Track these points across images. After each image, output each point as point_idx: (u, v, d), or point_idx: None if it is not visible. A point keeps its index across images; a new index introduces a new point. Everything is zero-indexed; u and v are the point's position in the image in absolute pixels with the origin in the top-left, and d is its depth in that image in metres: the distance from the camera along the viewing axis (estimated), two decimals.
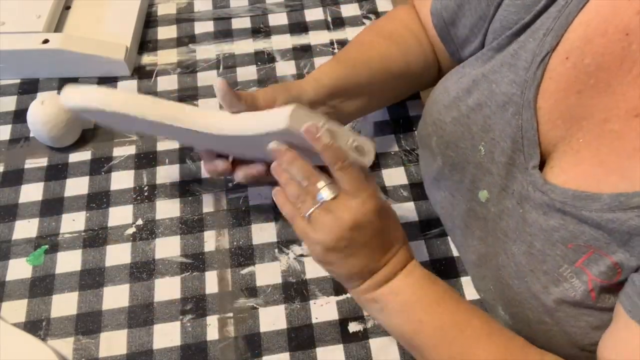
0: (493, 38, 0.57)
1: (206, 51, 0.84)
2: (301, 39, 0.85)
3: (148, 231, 0.67)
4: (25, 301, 0.63)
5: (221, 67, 0.82)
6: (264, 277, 0.64)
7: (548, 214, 0.49)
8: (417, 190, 0.69)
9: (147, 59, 0.83)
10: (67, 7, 0.86)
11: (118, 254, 0.66)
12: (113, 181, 0.72)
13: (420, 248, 0.65)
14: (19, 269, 0.65)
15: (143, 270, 0.65)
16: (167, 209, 0.69)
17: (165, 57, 0.84)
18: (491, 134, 0.54)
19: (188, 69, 0.82)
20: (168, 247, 0.66)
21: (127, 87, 0.80)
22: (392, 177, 0.70)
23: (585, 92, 0.48)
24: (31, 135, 0.75)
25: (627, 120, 0.46)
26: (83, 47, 0.79)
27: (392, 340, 0.59)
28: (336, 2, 0.89)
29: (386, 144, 0.73)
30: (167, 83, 0.81)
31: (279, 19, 0.87)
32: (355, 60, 0.66)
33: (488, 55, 0.56)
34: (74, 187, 0.71)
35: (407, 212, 0.67)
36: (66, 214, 0.69)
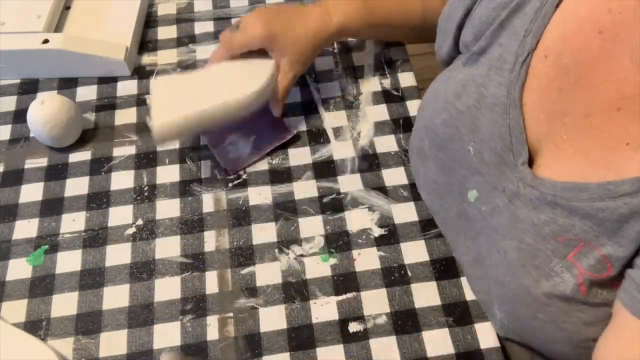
0: (473, 35, 0.57)
1: (206, 51, 0.84)
2: None
3: (148, 231, 0.67)
4: (25, 301, 0.63)
5: None
6: (264, 277, 0.64)
7: (538, 208, 0.49)
8: (416, 190, 0.69)
9: (147, 59, 0.83)
10: (67, 7, 0.86)
11: (118, 254, 0.66)
12: (113, 181, 0.72)
13: (420, 248, 0.65)
14: (19, 269, 0.65)
15: (143, 270, 0.65)
16: (167, 209, 0.69)
17: (165, 57, 0.84)
18: (480, 134, 0.55)
19: (188, 69, 0.82)
20: (168, 247, 0.66)
21: (127, 87, 0.80)
22: (392, 177, 0.70)
23: (565, 89, 0.49)
24: (31, 135, 0.75)
25: (609, 114, 0.46)
26: (83, 47, 0.79)
27: (392, 340, 0.59)
28: None
29: (386, 144, 0.73)
30: None
31: None
32: (376, 6, 0.71)
33: (473, 59, 0.57)
34: (74, 187, 0.71)
35: (407, 212, 0.67)
36: (66, 214, 0.69)
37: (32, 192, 0.71)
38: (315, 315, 0.61)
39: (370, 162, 0.72)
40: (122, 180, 0.72)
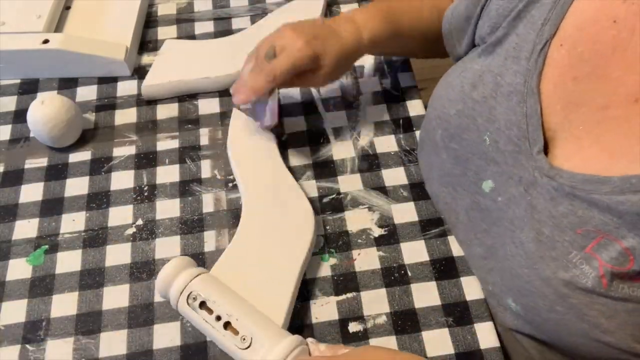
0: (489, 27, 0.57)
1: None
2: None
3: (148, 231, 0.67)
4: (25, 301, 0.63)
5: None
6: None
7: (556, 199, 0.49)
8: (417, 190, 0.69)
9: (147, 59, 0.83)
10: (67, 7, 0.86)
11: (118, 254, 0.66)
12: (113, 181, 0.72)
13: (420, 248, 0.65)
14: (19, 269, 0.65)
15: (143, 270, 0.65)
16: (167, 209, 0.69)
17: None
18: (496, 124, 0.55)
19: None
20: (168, 247, 0.66)
21: (127, 87, 0.80)
22: (392, 177, 0.70)
23: (581, 78, 0.49)
24: (31, 135, 0.75)
25: (627, 106, 0.46)
26: (83, 47, 0.79)
27: (392, 340, 0.59)
28: (336, 2, 0.89)
29: (386, 144, 0.73)
30: None
31: None
32: (402, 13, 0.70)
33: (489, 50, 0.57)
34: (74, 187, 0.71)
35: (407, 212, 0.67)
36: (66, 214, 0.69)
37: (32, 192, 0.71)
38: (315, 315, 0.61)
39: (370, 162, 0.72)
40: (122, 180, 0.72)
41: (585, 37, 0.48)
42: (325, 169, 0.71)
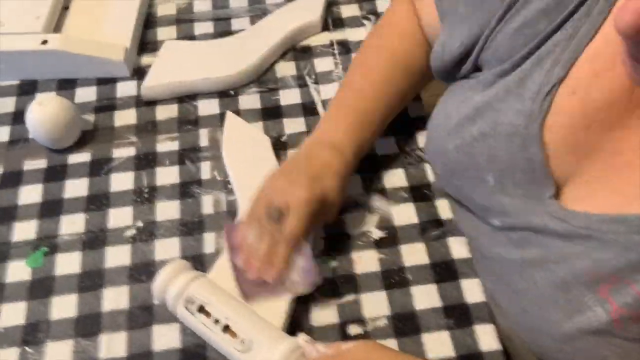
0: (495, 61, 0.54)
1: None
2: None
3: (148, 233, 0.67)
4: (24, 303, 0.63)
5: None
6: None
7: (572, 241, 0.48)
8: (417, 192, 0.69)
9: (146, 59, 0.83)
10: (66, 8, 0.86)
11: (118, 256, 0.66)
12: (112, 183, 0.71)
13: (420, 251, 0.65)
14: (18, 271, 0.65)
15: (143, 272, 0.64)
16: (166, 211, 0.69)
17: None
18: (499, 164, 0.53)
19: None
20: (168, 249, 0.66)
21: (127, 88, 0.80)
22: (392, 178, 0.70)
23: (594, 127, 0.47)
24: (30, 136, 0.75)
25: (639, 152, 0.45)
26: (82, 48, 0.79)
27: (392, 343, 0.59)
28: (336, 2, 0.89)
29: (386, 145, 0.73)
30: None
31: None
32: (373, 111, 0.67)
33: (490, 80, 0.54)
34: (73, 188, 0.71)
35: (407, 214, 0.67)
36: (65, 215, 0.69)
37: (31, 194, 0.71)
38: (314, 318, 0.61)
39: (369, 164, 0.71)
40: (121, 181, 0.71)
41: (601, 83, 0.45)
42: None
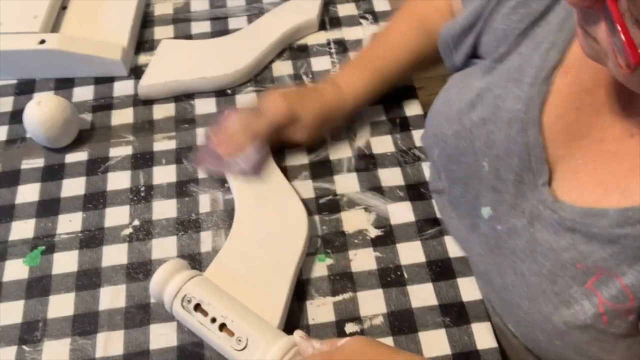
0: (494, 44, 0.56)
1: None
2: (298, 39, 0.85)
3: (145, 232, 0.67)
4: (21, 302, 0.63)
5: None
6: None
7: (558, 233, 0.48)
8: (413, 191, 0.69)
9: (144, 59, 0.83)
10: (64, 7, 0.86)
11: (115, 255, 0.66)
12: (109, 182, 0.71)
13: (416, 249, 0.65)
14: (16, 269, 0.65)
15: (139, 271, 0.64)
16: (163, 210, 0.69)
17: None
18: (495, 150, 0.54)
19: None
20: (165, 248, 0.66)
21: (124, 87, 0.80)
22: (388, 177, 0.70)
23: (583, 109, 0.48)
24: (27, 135, 0.75)
25: (622, 140, 0.46)
26: (80, 48, 0.79)
27: (389, 341, 0.59)
28: (333, 1, 0.89)
29: (383, 144, 0.73)
30: None
31: None
32: (388, 71, 0.71)
33: (491, 67, 0.55)
34: (71, 187, 0.71)
35: (404, 213, 0.67)
36: (63, 214, 0.69)
37: (28, 193, 0.71)
38: (311, 317, 0.61)
39: (366, 163, 0.72)
40: (118, 180, 0.72)
41: (590, 65, 0.46)
42: (322, 169, 0.71)
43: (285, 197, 0.67)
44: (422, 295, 0.62)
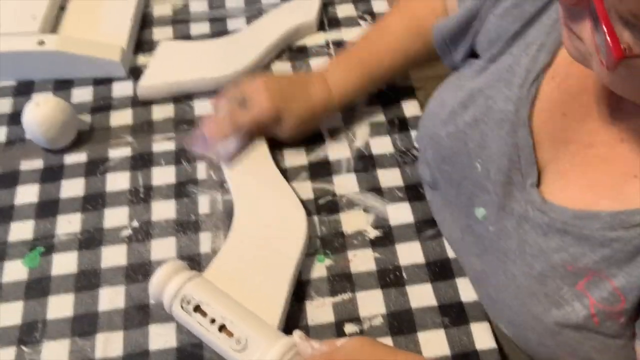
0: (487, 44, 0.56)
1: None
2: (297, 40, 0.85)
3: (144, 233, 0.67)
4: (20, 303, 0.63)
5: None
6: None
7: (548, 234, 0.48)
8: (412, 192, 0.69)
9: (143, 59, 0.83)
10: (62, 8, 0.86)
11: (114, 256, 0.66)
12: (108, 183, 0.71)
13: (415, 250, 0.65)
14: (15, 270, 0.65)
15: (139, 272, 0.64)
16: (162, 211, 0.69)
17: None
18: (487, 150, 0.54)
19: None
20: (164, 249, 0.66)
21: (123, 88, 0.80)
22: (387, 178, 0.70)
23: (570, 114, 0.48)
24: (26, 137, 0.75)
25: (611, 146, 0.46)
26: (79, 49, 0.79)
27: (388, 341, 0.59)
28: (332, 2, 0.89)
29: (381, 144, 0.73)
30: None
31: None
32: (378, 73, 0.71)
33: (482, 65, 0.56)
34: (70, 188, 0.71)
35: (403, 213, 0.67)
36: (62, 215, 0.69)
37: (27, 194, 0.71)
38: (311, 317, 0.61)
39: (365, 163, 0.72)
40: (117, 181, 0.72)
41: (577, 71, 0.47)
42: (321, 170, 0.71)
43: (284, 198, 0.67)
44: (421, 295, 0.62)
